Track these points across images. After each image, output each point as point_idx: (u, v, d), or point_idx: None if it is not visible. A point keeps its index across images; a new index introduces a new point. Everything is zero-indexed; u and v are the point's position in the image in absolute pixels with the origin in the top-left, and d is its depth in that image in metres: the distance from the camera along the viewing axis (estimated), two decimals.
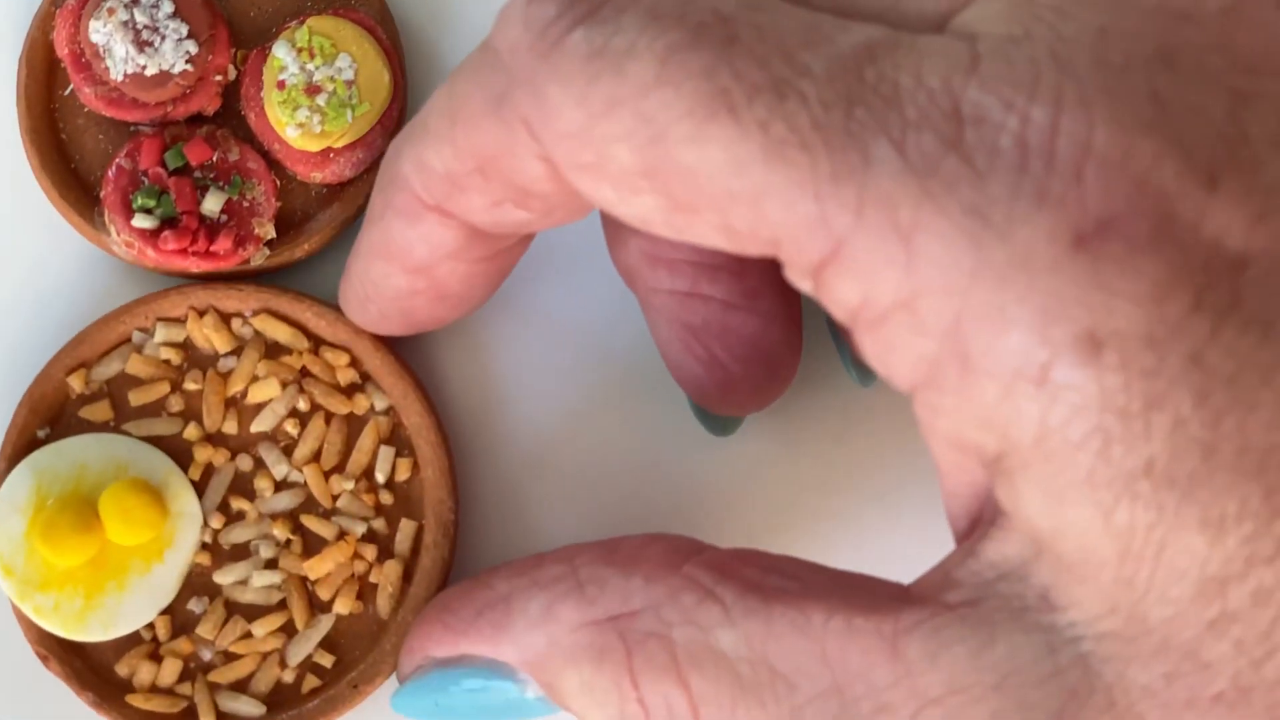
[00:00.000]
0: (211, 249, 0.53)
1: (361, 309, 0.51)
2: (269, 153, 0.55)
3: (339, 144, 0.54)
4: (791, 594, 0.40)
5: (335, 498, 0.54)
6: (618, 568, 0.44)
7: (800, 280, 0.38)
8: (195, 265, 0.53)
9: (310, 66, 0.53)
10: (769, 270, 0.48)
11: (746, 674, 0.40)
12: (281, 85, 0.53)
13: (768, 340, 0.49)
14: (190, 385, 0.54)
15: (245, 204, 0.54)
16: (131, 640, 0.53)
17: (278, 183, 0.55)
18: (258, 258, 0.54)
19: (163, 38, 0.53)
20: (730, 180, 0.36)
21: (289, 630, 0.54)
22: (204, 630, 0.53)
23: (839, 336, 0.52)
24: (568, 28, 0.38)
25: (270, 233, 0.54)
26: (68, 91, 0.55)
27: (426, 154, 0.43)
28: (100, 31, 0.52)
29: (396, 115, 0.55)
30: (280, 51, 0.53)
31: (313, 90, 0.53)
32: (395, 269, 0.47)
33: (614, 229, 0.50)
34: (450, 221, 0.45)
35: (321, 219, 0.55)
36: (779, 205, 0.36)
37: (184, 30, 0.53)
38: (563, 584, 0.44)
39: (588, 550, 0.45)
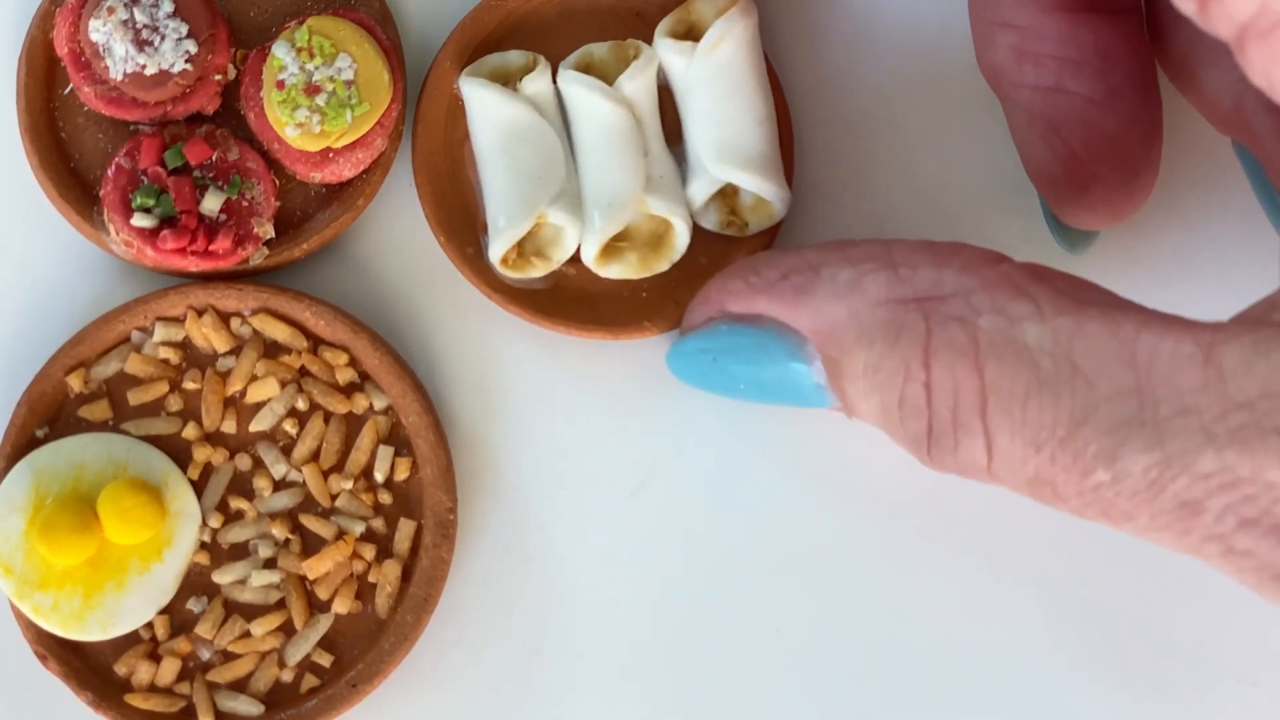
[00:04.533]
0: (210, 248, 0.53)
1: None
2: (268, 152, 0.55)
3: (338, 144, 0.54)
4: (1105, 305, 0.41)
5: (334, 497, 0.54)
6: (933, 256, 0.44)
7: (1185, 2, 0.38)
8: (194, 265, 0.53)
9: (310, 66, 0.53)
10: (1133, 72, 0.49)
11: (1047, 367, 0.40)
12: (281, 85, 0.53)
13: (1127, 142, 0.49)
14: (189, 384, 0.54)
15: (244, 203, 0.54)
16: (130, 639, 0.53)
17: (277, 182, 0.55)
18: (257, 257, 0.54)
19: (162, 37, 0.53)
20: None
21: (287, 629, 0.54)
22: (203, 630, 0.53)
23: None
24: None
25: (269, 232, 0.54)
26: (67, 90, 0.55)
27: None
28: (100, 30, 0.52)
29: (396, 115, 0.55)
30: (280, 51, 0.53)
31: (312, 90, 0.53)
32: None
33: (984, 29, 0.50)
34: None
35: (321, 219, 0.55)
36: None
37: (184, 29, 0.53)
38: (875, 262, 0.45)
39: (904, 241, 0.46)
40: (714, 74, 0.54)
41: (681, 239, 0.55)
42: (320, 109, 0.53)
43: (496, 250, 0.54)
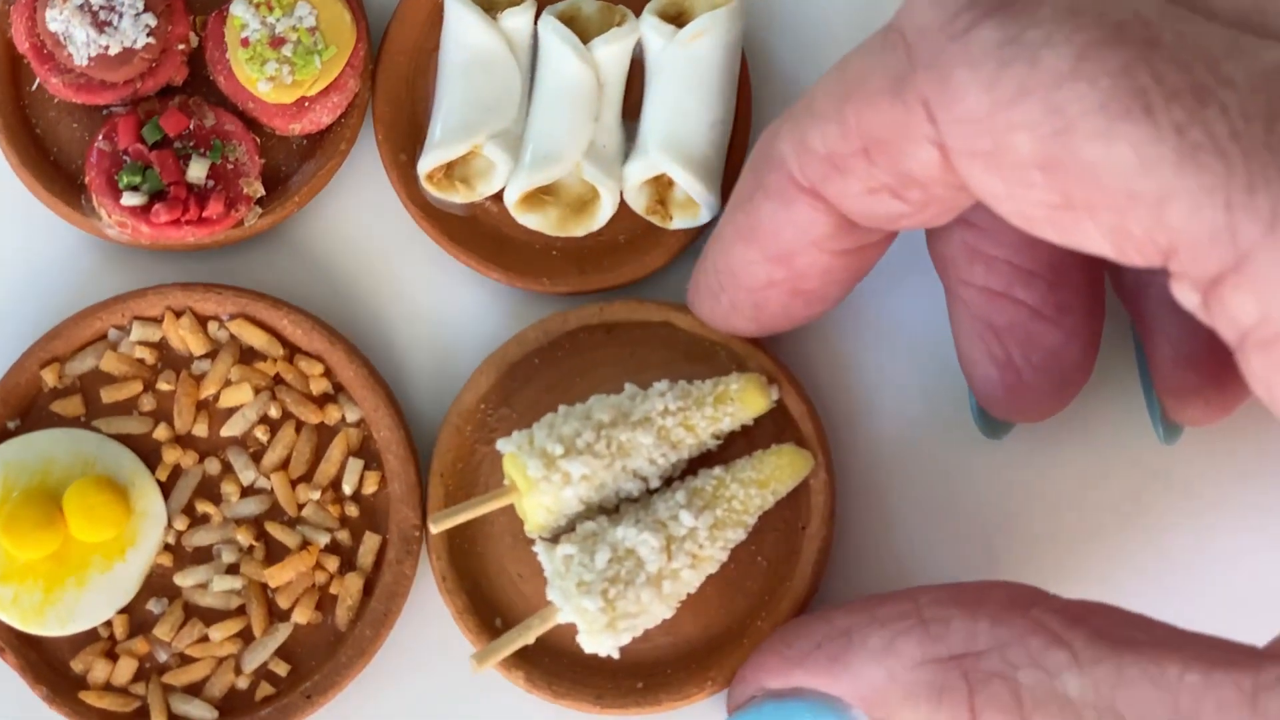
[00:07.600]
0: (204, 215, 0.52)
1: (713, 301, 0.50)
2: (244, 112, 0.52)
3: (312, 91, 0.51)
4: (1142, 644, 0.41)
5: (301, 506, 0.53)
6: (963, 608, 0.44)
7: (1187, 294, 0.38)
8: (191, 234, 0.52)
9: (271, 20, 0.51)
10: (1083, 287, 0.48)
11: None
12: (245, 43, 0.51)
13: (1065, 356, 0.49)
14: (163, 385, 0.53)
15: (230, 166, 0.52)
16: (88, 637, 0.53)
17: (258, 140, 0.53)
18: (251, 218, 0.52)
19: (120, 15, 0.51)
20: (1135, 180, 0.36)
21: (246, 636, 0.52)
22: (161, 631, 0.53)
23: (1151, 392, 0.51)
24: (982, 15, 0.38)
25: (259, 190, 0.52)
26: (35, 86, 0.54)
27: (809, 134, 0.43)
28: (57, 20, 0.51)
29: (364, 54, 0.52)
30: (239, 10, 0.51)
31: (277, 42, 0.51)
32: (757, 255, 0.47)
33: None
34: (821, 206, 0.44)
35: (306, 170, 0.53)
36: (1184, 211, 0.36)
37: (140, 4, 0.51)
38: (905, 621, 0.45)
39: (931, 590, 0.46)
40: (685, 63, 0.52)
41: (604, 211, 0.53)
42: (289, 59, 0.51)
43: (425, 164, 0.53)
